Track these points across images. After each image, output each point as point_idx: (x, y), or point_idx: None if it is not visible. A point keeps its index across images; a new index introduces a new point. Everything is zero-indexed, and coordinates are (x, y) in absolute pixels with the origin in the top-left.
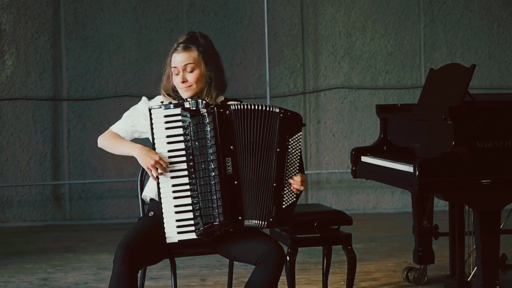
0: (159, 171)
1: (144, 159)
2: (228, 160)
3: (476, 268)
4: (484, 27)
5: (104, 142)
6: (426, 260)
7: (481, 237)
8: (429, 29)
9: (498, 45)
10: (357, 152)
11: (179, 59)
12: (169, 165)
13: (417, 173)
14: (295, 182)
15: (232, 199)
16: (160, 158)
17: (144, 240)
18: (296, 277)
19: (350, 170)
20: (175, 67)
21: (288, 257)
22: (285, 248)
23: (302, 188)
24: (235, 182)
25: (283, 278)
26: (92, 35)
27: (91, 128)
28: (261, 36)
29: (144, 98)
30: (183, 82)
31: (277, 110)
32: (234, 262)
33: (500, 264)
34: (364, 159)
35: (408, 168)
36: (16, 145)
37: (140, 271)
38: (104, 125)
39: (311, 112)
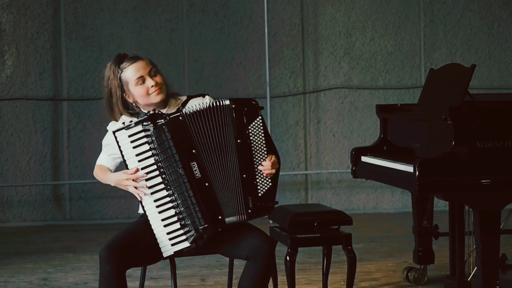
0: (137, 187)
1: (119, 185)
2: (194, 164)
3: (476, 268)
4: (484, 27)
5: (97, 176)
6: (426, 260)
7: (481, 237)
8: (429, 29)
9: (498, 45)
10: (357, 152)
11: (139, 67)
12: (143, 177)
13: (417, 173)
14: (265, 167)
15: (207, 202)
16: (127, 176)
17: (131, 239)
18: (296, 277)
19: (350, 170)
20: (139, 76)
21: (288, 257)
22: (285, 248)
23: (273, 171)
24: (206, 184)
25: (283, 278)
26: (92, 35)
27: (91, 128)
28: (261, 36)
29: (111, 123)
30: (154, 85)
31: (228, 103)
32: (234, 262)
33: (500, 264)
34: (364, 159)
35: (408, 168)
36: (16, 145)
37: (140, 271)
38: (104, 125)
39: (311, 112)
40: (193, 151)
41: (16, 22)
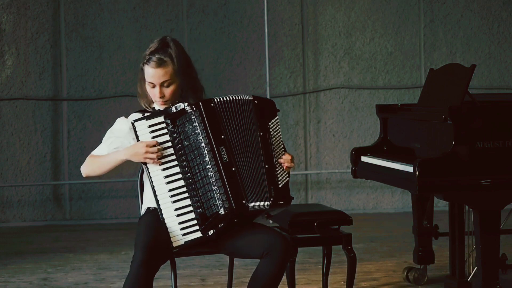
0: (155, 157)
1: (135, 155)
2: (222, 149)
3: (476, 268)
4: (484, 27)
5: (89, 167)
6: (426, 260)
7: (481, 237)
8: (429, 29)
9: (498, 45)
10: (357, 152)
11: (155, 75)
12: (159, 145)
13: (417, 173)
14: (285, 160)
15: (233, 185)
16: (147, 146)
17: (158, 240)
18: (296, 277)
19: (350, 170)
20: (151, 82)
21: None
22: None
23: (292, 164)
24: (233, 169)
25: (283, 278)
26: (92, 35)
27: (91, 128)
28: (261, 36)
29: (119, 119)
30: (159, 97)
31: (251, 98)
32: (234, 262)
33: (500, 264)
34: (364, 159)
35: (408, 168)
36: (16, 145)
37: None
38: (104, 125)
39: (311, 112)
40: (222, 136)
41: (16, 22)
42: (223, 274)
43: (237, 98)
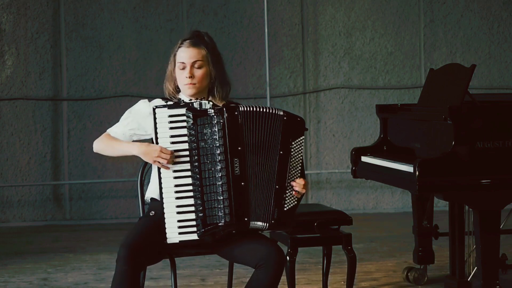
0: (165, 162)
1: (147, 155)
2: (236, 161)
3: (476, 268)
4: (484, 27)
5: (101, 145)
6: (426, 260)
7: (481, 237)
8: (429, 29)
9: (498, 45)
10: (357, 152)
11: (188, 54)
12: (173, 155)
13: (417, 173)
14: (297, 185)
15: (239, 200)
16: (162, 148)
17: (146, 240)
18: (296, 277)
19: (350, 170)
20: (182, 62)
21: (288, 257)
22: (285, 248)
23: (303, 191)
24: (242, 183)
25: (283, 278)
26: (92, 35)
27: (91, 128)
28: (261, 36)
29: (141, 100)
30: (190, 77)
31: (281, 113)
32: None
33: (500, 264)
34: (364, 159)
35: (408, 168)
36: (16, 145)
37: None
38: (104, 125)
39: (311, 112)
40: (239, 148)
41: (16, 22)
42: (223, 274)
43: (265, 110)
